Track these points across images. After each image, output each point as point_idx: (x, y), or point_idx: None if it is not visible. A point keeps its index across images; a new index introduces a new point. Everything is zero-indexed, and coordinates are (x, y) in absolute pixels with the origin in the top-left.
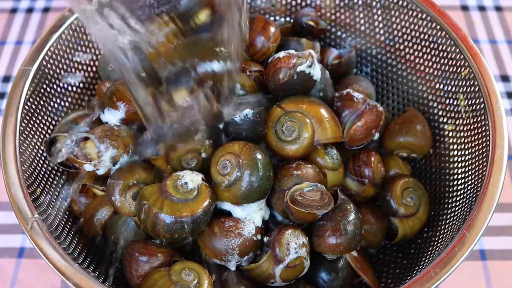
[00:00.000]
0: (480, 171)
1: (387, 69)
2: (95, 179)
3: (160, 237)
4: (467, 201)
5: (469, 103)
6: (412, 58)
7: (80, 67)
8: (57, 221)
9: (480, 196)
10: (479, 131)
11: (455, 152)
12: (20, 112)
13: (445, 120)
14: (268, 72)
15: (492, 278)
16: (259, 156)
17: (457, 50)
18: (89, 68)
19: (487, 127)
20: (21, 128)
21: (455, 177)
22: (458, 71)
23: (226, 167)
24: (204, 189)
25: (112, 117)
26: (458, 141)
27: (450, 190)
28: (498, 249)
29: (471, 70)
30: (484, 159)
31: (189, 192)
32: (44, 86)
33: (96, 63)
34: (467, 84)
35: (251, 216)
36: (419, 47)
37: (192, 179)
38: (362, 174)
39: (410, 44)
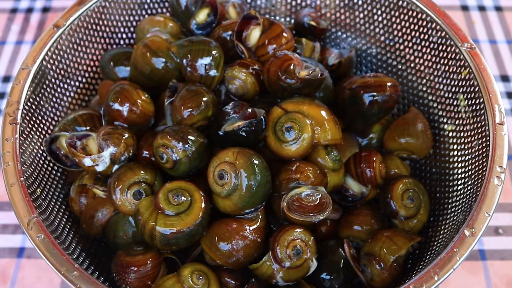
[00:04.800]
0: (480, 171)
1: (387, 69)
2: (95, 179)
3: (159, 248)
4: (467, 201)
5: (469, 103)
6: (412, 58)
7: (80, 67)
8: (57, 221)
9: (480, 196)
10: (479, 131)
11: (455, 152)
12: (20, 112)
13: (445, 120)
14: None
15: (492, 278)
16: (255, 161)
17: (457, 50)
18: (89, 68)
19: (487, 127)
20: (21, 128)
21: (455, 177)
22: (458, 71)
23: (223, 177)
24: (198, 198)
25: None
26: (458, 141)
27: (450, 190)
28: (498, 249)
29: (471, 70)
30: (484, 159)
31: (181, 204)
32: (44, 86)
33: (97, 63)
34: (467, 84)
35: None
36: (419, 47)
37: (184, 188)
38: (364, 174)
39: (410, 44)
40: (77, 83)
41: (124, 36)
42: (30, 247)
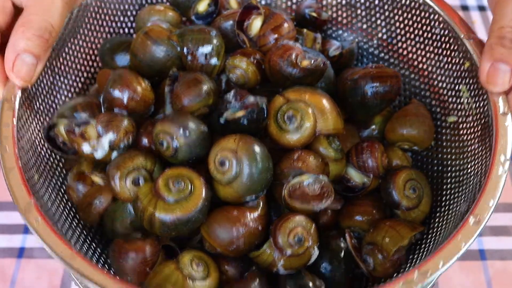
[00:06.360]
0: (483, 162)
1: (389, 61)
2: (94, 166)
3: (158, 235)
4: (470, 191)
5: (472, 94)
6: (413, 50)
7: (79, 55)
8: (55, 208)
9: (484, 184)
10: (482, 121)
11: (457, 144)
12: (18, 98)
13: (447, 112)
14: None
15: (492, 278)
16: (256, 148)
17: (459, 42)
18: (88, 57)
19: (490, 118)
20: (19, 113)
21: (458, 168)
22: (461, 62)
23: (224, 164)
24: (198, 185)
25: None
26: (461, 133)
27: (453, 181)
28: (498, 249)
29: (473, 62)
30: (488, 149)
31: (182, 191)
32: (43, 73)
33: (96, 52)
34: (470, 75)
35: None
36: (421, 39)
37: (185, 175)
38: (366, 165)
39: (412, 36)
40: (75, 71)
41: (123, 25)
42: (30, 247)
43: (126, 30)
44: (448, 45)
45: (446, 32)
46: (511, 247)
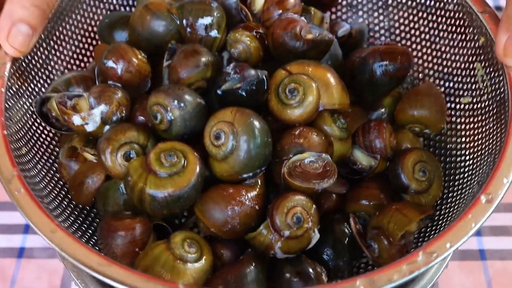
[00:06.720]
0: (499, 138)
1: (400, 43)
2: (86, 141)
3: (149, 213)
4: (484, 172)
5: (487, 71)
6: (426, 29)
7: (80, 25)
8: (42, 186)
9: (498, 162)
10: (498, 98)
11: (472, 125)
12: (8, 67)
13: (460, 93)
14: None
15: (492, 278)
16: (254, 121)
17: (473, 17)
18: (86, 34)
19: (506, 94)
20: (9, 83)
21: (473, 150)
22: (475, 39)
23: (219, 137)
24: (192, 160)
25: None
26: (475, 113)
27: (467, 164)
28: (498, 249)
29: (489, 37)
30: (503, 126)
31: (174, 165)
32: (37, 45)
33: (95, 29)
34: (485, 51)
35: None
36: (434, 17)
37: (178, 148)
38: (373, 146)
39: (425, 15)
40: (73, 47)
41: (125, 2)
42: (30, 247)
43: (128, 8)
44: (462, 21)
45: (460, 7)
46: (511, 247)
